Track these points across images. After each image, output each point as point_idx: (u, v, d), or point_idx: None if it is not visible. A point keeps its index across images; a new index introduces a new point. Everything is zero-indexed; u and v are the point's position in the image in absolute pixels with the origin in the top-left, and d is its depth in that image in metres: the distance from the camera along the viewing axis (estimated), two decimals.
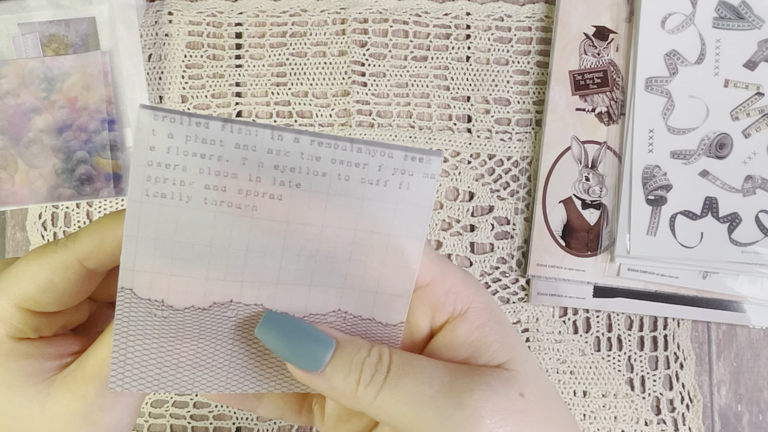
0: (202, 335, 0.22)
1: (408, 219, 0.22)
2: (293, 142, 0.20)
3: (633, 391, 0.47)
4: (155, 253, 0.20)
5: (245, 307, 0.22)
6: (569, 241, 0.46)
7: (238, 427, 0.46)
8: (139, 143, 0.19)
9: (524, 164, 0.48)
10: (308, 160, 0.20)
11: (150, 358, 0.22)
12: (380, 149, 0.21)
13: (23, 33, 0.45)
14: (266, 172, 0.20)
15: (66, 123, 0.45)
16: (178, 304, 0.21)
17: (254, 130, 0.20)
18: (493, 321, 0.24)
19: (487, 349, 0.23)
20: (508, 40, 0.49)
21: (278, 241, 0.21)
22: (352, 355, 0.22)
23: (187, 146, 0.19)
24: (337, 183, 0.21)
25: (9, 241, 0.47)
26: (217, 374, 0.23)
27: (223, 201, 0.20)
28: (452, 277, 0.24)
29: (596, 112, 0.47)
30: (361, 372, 0.22)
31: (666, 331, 0.47)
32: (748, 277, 0.46)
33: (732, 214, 0.45)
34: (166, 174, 0.20)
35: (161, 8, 0.48)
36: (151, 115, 0.19)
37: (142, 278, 0.21)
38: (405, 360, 0.22)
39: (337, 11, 0.48)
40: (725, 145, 0.46)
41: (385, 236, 0.22)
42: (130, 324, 0.21)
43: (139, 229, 0.20)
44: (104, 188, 0.45)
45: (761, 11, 0.45)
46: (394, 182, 0.21)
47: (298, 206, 0.21)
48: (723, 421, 0.47)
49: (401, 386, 0.21)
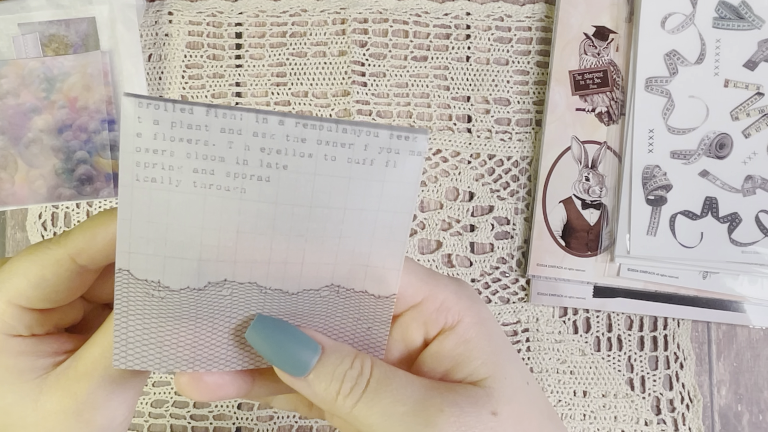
0: (199, 314, 0.23)
1: (395, 196, 0.22)
2: (278, 125, 0.20)
3: (633, 391, 0.47)
4: (149, 235, 0.21)
5: (240, 286, 0.22)
6: (569, 241, 0.46)
7: (238, 427, 0.46)
8: (125, 130, 0.20)
9: (524, 164, 0.48)
10: (294, 141, 0.21)
11: (150, 337, 0.23)
12: (366, 129, 0.21)
13: (23, 33, 0.45)
14: (253, 154, 0.20)
15: (66, 123, 0.45)
16: (174, 284, 0.22)
17: (239, 114, 0.20)
18: (480, 336, 0.24)
19: (468, 365, 0.24)
20: (508, 40, 0.49)
21: (268, 222, 0.21)
22: (336, 365, 0.23)
23: (173, 132, 0.20)
24: (323, 164, 0.21)
25: (9, 241, 0.47)
26: (217, 352, 0.23)
27: (211, 184, 0.21)
28: (444, 292, 0.24)
29: (596, 112, 0.47)
30: (342, 383, 0.22)
31: (666, 331, 0.47)
32: (748, 277, 0.46)
33: (732, 214, 0.45)
34: (154, 159, 0.20)
35: (161, 8, 0.48)
36: (135, 103, 0.19)
37: (137, 260, 0.21)
38: (384, 374, 0.23)
39: (337, 11, 0.48)
40: (725, 145, 0.46)
41: (374, 212, 0.22)
42: (129, 304, 0.22)
43: (132, 213, 0.21)
44: (104, 188, 0.45)
45: (761, 11, 0.45)
46: (380, 161, 0.21)
47: (286, 187, 0.21)
48: (723, 421, 0.47)
49: (377, 401, 0.22)
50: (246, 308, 0.23)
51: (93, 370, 0.23)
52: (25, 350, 0.24)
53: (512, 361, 0.24)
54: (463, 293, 0.25)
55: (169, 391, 0.46)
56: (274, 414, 0.47)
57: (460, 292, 0.25)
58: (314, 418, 0.29)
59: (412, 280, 0.24)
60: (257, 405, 0.46)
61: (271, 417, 0.47)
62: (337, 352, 0.23)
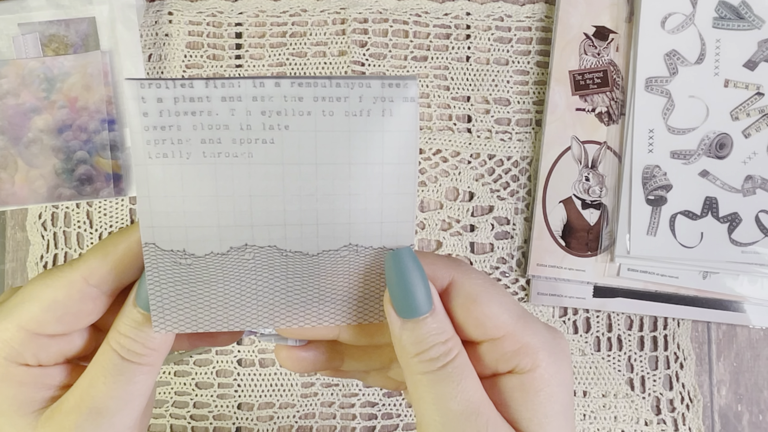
0: (226, 278, 0.24)
1: (397, 146, 0.23)
2: (274, 86, 0.21)
3: (633, 391, 0.47)
4: (168, 209, 0.22)
5: (260, 250, 0.24)
6: (569, 241, 0.46)
7: (238, 427, 0.46)
8: (132, 111, 0.21)
9: (524, 164, 0.48)
10: (292, 101, 0.22)
11: (184, 302, 0.24)
12: (358, 81, 0.22)
13: (23, 33, 0.45)
14: (255, 119, 0.22)
15: (66, 123, 0.45)
16: (199, 251, 0.23)
17: (236, 82, 0.21)
18: (544, 393, 0.24)
19: (522, 414, 0.24)
20: (508, 40, 0.49)
21: (277, 183, 0.22)
22: (431, 333, 0.23)
23: (177, 107, 0.21)
24: (322, 119, 0.22)
25: (9, 241, 0.47)
26: (247, 312, 0.25)
27: (220, 152, 0.22)
28: (528, 335, 0.24)
29: (596, 112, 0.47)
30: (427, 351, 0.23)
31: (666, 331, 0.47)
32: (748, 277, 0.46)
33: (732, 214, 0.45)
34: (163, 135, 0.21)
35: (161, 8, 0.48)
36: (137, 84, 0.21)
37: (161, 233, 0.23)
38: (460, 368, 0.23)
39: (337, 11, 0.48)
40: (725, 145, 0.46)
41: (378, 166, 0.23)
42: (160, 274, 0.23)
43: (149, 190, 0.22)
44: (104, 188, 0.45)
45: (761, 11, 0.45)
46: (376, 110, 0.22)
47: (290, 147, 0.22)
48: (723, 421, 0.47)
49: (441, 385, 0.23)
50: (270, 271, 0.24)
51: (81, 402, 0.23)
52: (27, 381, 0.24)
53: (568, 424, 0.24)
54: (555, 348, 0.24)
55: (169, 391, 0.46)
56: (273, 414, 0.47)
57: (552, 343, 0.24)
58: (389, 388, 0.30)
59: (504, 317, 0.24)
60: (257, 405, 0.47)
61: (271, 417, 0.47)
62: (440, 322, 0.23)
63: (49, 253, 0.47)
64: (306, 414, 0.47)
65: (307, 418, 0.47)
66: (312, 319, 0.25)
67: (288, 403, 0.47)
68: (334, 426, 0.47)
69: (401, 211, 0.24)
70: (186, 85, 0.21)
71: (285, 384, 0.47)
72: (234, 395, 0.47)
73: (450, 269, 0.24)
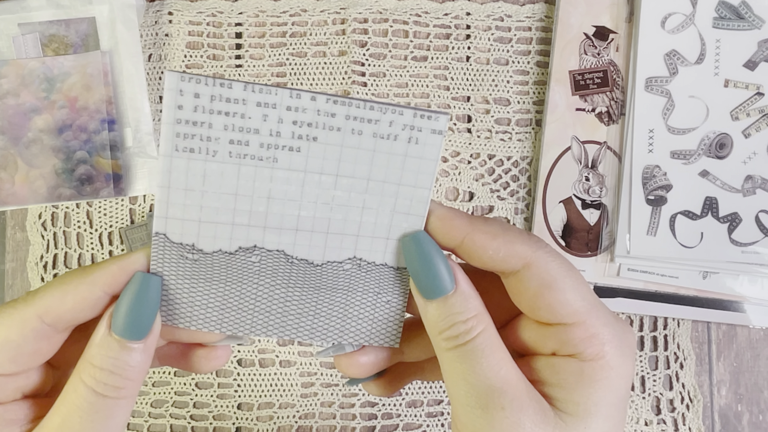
0: (229, 278, 0.24)
1: (416, 171, 0.24)
2: (310, 100, 0.22)
3: (633, 391, 0.47)
4: (185, 202, 0.23)
5: (268, 253, 0.24)
6: (569, 241, 0.46)
7: (237, 427, 0.46)
8: (168, 102, 0.21)
9: (524, 164, 0.48)
10: (324, 116, 0.22)
11: (182, 297, 0.24)
12: (391, 107, 0.23)
13: (23, 33, 0.45)
14: (286, 127, 0.22)
15: (66, 123, 0.45)
16: (207, 247, 0.24)
17: (274, 90, 0.22)
18: (602, 383, 0.23)
19: (569, 397, 0.23)
20: (508, 40, 0.49)
21: (297, 189, 0.23)
22: (452, 312, 0.24)
23: (212, 105, 0.22)
24: (350, 137, 0.23)
25: (9, 241, 0.47)
26: (242, 317, 0.25)
27: (246, 154, 0.22)
28: (599, 326, 0.23)
29: (596, 112, 0.47)
30: (448, 329, 0.24)
31: (666, 331, 0.47)
32: (748, 277, 0.46)
33: (732, 214, 0.45)
34: (193, 131, 0.22)
35: (161, 8, 0.48)
36: (178, 77, 0.21)
37: (174, 225, 0.23)
38: (481, 348, 0.23)
39: (337, 11, 0.48)
40: (725, 145, 0.46)
41: (395, 186, 0.24)
42: (164, 266, 0.24)
43: (170, 181, 0.22)
44: (104, 188, 0.45)
45: (761, 11, 0.45)
46: (403, 137, 0.23)
47: (315, 157, 0.23)
48: (723, 421, 0.47)
49: (463, 362, 0.23)
50: (272, 278, 0.25)
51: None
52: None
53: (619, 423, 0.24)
54: (623, 341, 0.24)
55: (168, 391, 0.46)
56: (273, 414, 0.47)
57: (621, 336, 0.24)
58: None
59: (577, 305, 0.23)
60: (257, 405, 0.47)
61: (271, 417, 0.47)
62: (464, 300, 0.24)
63: (49, 253, 0.47)
64: (306, 414, 0.47)
65: (307, 418, 0.47)
66: (304, 334, 0.26)
67: (288, 403, 0.47)
68: (334, 426, 0.47)
69: (409, 231, 0.24)
70: (225, 85, 0.21)
71: (285, 384, 0.47)
72: (234, 395, 0.47)
73: (529, 248, 0.24)
